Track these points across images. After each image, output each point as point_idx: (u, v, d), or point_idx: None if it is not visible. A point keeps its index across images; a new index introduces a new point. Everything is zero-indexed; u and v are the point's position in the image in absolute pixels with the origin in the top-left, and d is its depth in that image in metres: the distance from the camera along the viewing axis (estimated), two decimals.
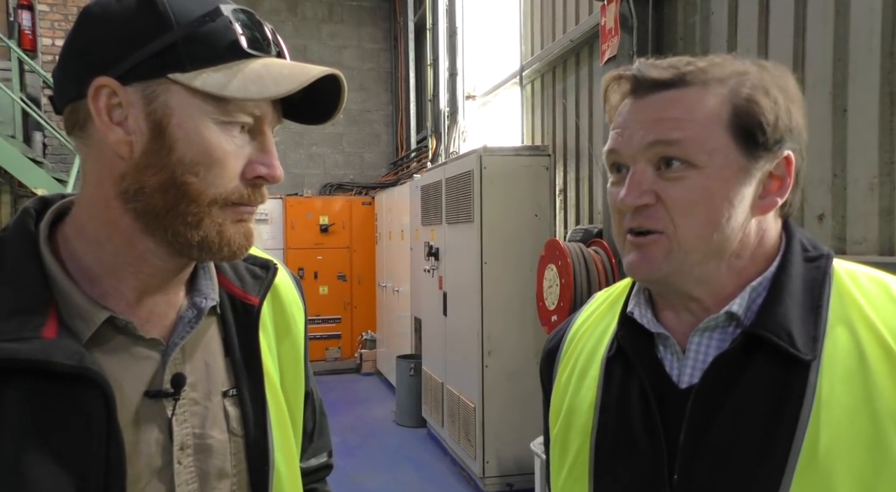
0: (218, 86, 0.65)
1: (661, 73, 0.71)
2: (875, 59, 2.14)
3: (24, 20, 6.63)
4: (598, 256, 3.41)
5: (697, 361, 0.73)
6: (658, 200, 0.70)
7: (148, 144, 0.65)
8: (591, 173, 3.99)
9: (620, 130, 0.73)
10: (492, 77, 5.83)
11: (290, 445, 0.84)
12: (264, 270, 0.84)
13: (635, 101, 0.72)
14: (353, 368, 7.75)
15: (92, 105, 0.65)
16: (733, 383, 0.69)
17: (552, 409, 0.88)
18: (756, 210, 0.72)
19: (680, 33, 3.13)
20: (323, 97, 0.73)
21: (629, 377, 0.77)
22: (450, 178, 4.46)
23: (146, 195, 0.66)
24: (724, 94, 0.70)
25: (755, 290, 0.72)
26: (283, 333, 0.87)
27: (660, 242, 0.71)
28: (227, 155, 0.67)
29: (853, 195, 2.24)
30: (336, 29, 8.71)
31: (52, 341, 0.63)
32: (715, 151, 0.69)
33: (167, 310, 0.75)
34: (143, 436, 0.70)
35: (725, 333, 0.73)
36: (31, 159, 5.90)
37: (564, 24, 4.28)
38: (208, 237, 0.68)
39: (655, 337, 0.77)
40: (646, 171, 0.71)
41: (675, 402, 0.72)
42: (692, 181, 0.69)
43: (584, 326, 0.89)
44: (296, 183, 8.42)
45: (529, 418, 3.98)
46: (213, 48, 0.65)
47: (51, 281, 0.67)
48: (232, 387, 0.78)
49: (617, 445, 0.76)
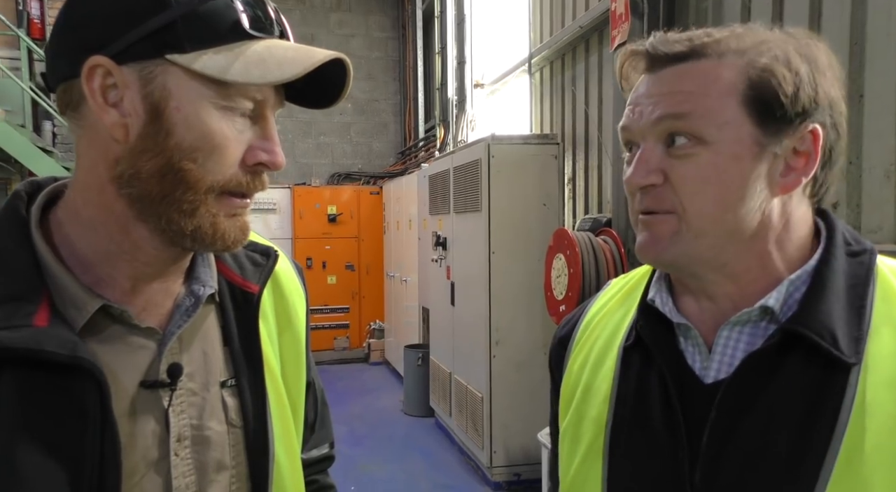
0: (219, 69, 0.62)
1: (674, 46, 0.67)
2: (892, 43, 2.09)
3: (33, 9, 6.65)
4: (606, 245, 3.38)
5: (725, 355, 0.69)
6: (666, 180, 0.66)
7: (144, 128, 0.63)
8: (600, 162, 3.95)
9: (633, 107, 0.70)
10: (500, 65, 5.78)
11: (290, 436, 0.82)
12: (265, 257, 0.82)
13: (649, 77, 0.69)
14: (362, 357, 7.77)
15: (86, 85, 0.62)
16: (766, 381, 0.65)
17: (562, 398, 0.85)
18: (777, 189, 0.67)
19: (692, 18, 3.08)
20: (327, 81, 0.69)
21: (648, 369, 0.73)
22: (458, 167, 4.44)
23: (142, 181, 0.64)
24: (741, 65, 0.65)
25: (793, 283, 0.67)
26: (285, 323, 0.85)
27: (668, 221, 0.67)
28: (227, 141, 0.64)
29: (868, 183, 2.19)
30: (344, 17, 8.67)
31: (43, 330, 0.61)
32: (726, 125, 0.64)
33: (164, 299, 0.72)
34: (139, 427, 0.68)
35: (758, 328, 0.68)
36: (40, 148, 5.92)
37: (574, 10, 4.22)
38: (202, 228, 0.66)
39: (676, 327, 0.73)
40: (655, 148, 0.67)
41: (698, 397, 0.68)
42: (701, 158, 0.65)
43: (600, 314, 0.85)
44: (304, 173, 8.42)
45: (537, 409, 3.97)
46: (213, 28, 0.62)
47: (43, 267, 0.65)
48: (231, 377, 0.76)
49: (633, 438, 0.73)
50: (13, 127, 5.71)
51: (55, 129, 6.73)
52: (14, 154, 5.66)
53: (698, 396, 0.68)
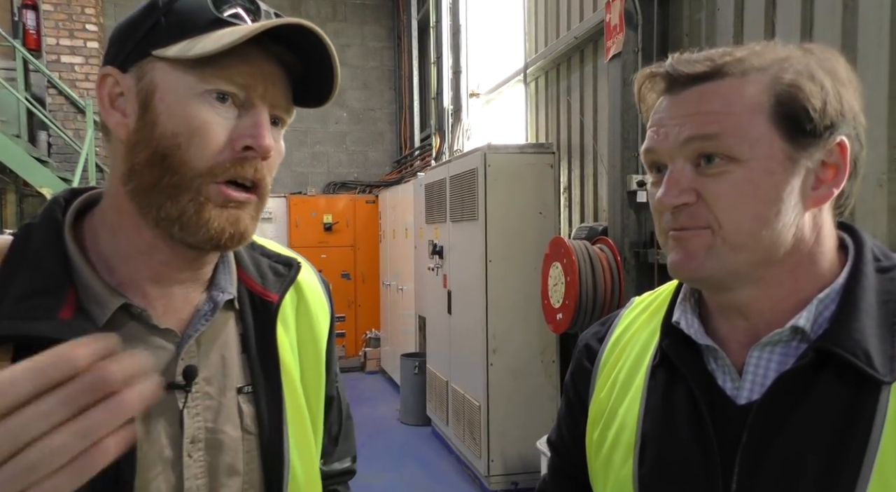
0: (184, 50, 0.65)
1: (696, 67, 0.67)
2: (884, 53, 2.12)
3: (29, 20, 6.64)
4: (603, 253, 3.40)
5: (757, 375, 0.68)
6: (699, 198, 0.66)
7: (137, 122, 0.68)
8: (595, 171, 3.98)
9: (656, 129, 0.69)
10: (496, 75, 5.81)
11: (308, 445, 0.82)
12: (287, 267, 0.84)
13: (671, 98, 0.69)
14: (357, 366, 7.75)
15: (97, 94, 0.68)
16: (798, 400, 0.65)
17: (591, 418, 0.83)
18: (809, 202, 0.67)
19: (686, 29, 3.11)
20: (321, 78, 0.72)
21: (674, 387, 0.73)
22: (454, 176, 4.45)
23: (137, 173, 0.67)
24: (765, 82, 0.65)
25: (822, 302, 0.67)
26: (307, 334, 0.86)
27: (701, 235, 0.66)
28: (207, 124, 0.66)
29: (862, 192, 2.21)
30: (339, 27, 8.70)
31: (66, 322, 0.64)
32: (757, 142, 0.64)
33: (184, 305, 0.75)
34: (153, 426, 0.70)
35: (789, 348, 0.68)
36: (35, 158, 5.91)
37: (569, 21, 4.26)
38: (186, 213, 0.67)
39: (703, 349, 0.72)
40: (684, 168, 0.67)
41: (730, 417, 0.68)
42: (735, 175, 0.65)
43: (629, 333, 0.84)
44: (300, 182, 8.42)
45: (534, 417, 3.97)
46: (188, 19, 0.66)
47: (71, 266, 0.69)
48: (247, 384, 0.77)
49: (662, 458, 0.72)
50: (8, 137, 5.71)
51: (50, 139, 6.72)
52: (9, 164, 5.65)
53: (731, 416, 0.68)
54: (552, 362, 4.06)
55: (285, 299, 0.83)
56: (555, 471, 0.95)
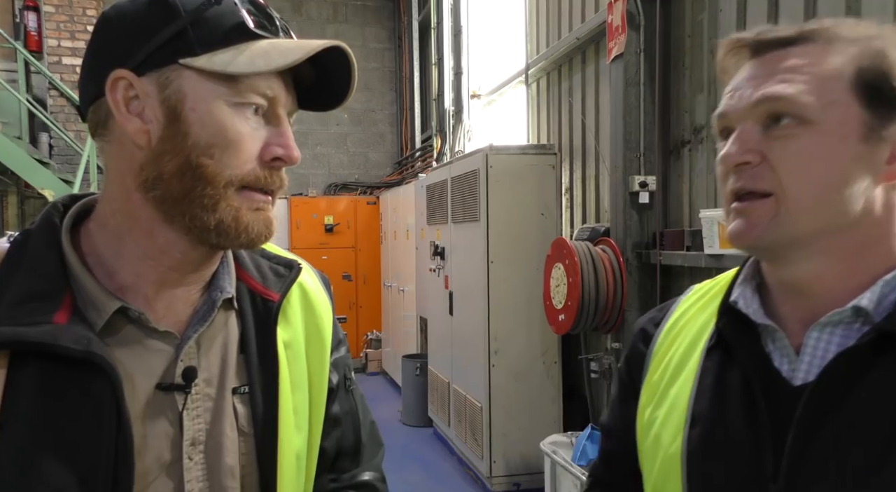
0: (224, 63, 0.65)
1: (782, 31, 0.66)
2: None
3: (30, 21, 6.65)
4: (605, 254, 3.40)
5: (815, 357, 0.66)
6: (763, 160, 0.64)
7: (164, 131, 0.66)
8: (597, 172, 3.98)
9: (732, 92, 0.68)
10: (497, 76, 5.81)
11: (307, 447, 0.82)
12: (287, 269, 0.84)
13: (752, 62, 0.68)
14: (359, 367, 7.75)
15: (110, 97, 0.66)
16: (855, 382, 0.63)
17: (643, 398, 0.83)
18: (882, 176, 0.64)
19: (688, 30, 3.11)
20: (335, 80, 0.74)
21: (728, 368, 0.72)
22: (455, 177, 4.45)
23: (164, 182, 0.67)
24: (852, 52, 0.64)
25: (889, 284, 0.64)
26: (314, 334, 0.86)
27: (765, 205, 0.65)
28: (241, 136, 0.67)
29: None
30: (340, 28, 8.71)
31: (62, 326, 0.64)
32: (831, 106, 0.62)
33: (184, 306, 0.75)
34: (152, 429, 0.69)
35: (850, 329, 0.66)
36: (37, 160, 5.91)
37: (571, 22, 4.26)
38: (224, 221, 0.68)
39: (761, 330, 0.71)
40: (753, 129, 0.65)
41: (785, 398, 0.66)
42: (804, 139, 0.63)
43: (684, 319, 0.83)
44: (300, 183, 8.42)
45: (536, 418, 3.97)
46: (220, 29, 0.66)
47: (68, 271, 0.68)
48: (243, 384, 0.76)
49: (712, 437, 0.71)
50: (10, 139, 5.71)
51: (52, 140, 6.73)
52: (11, 166, 5.65)
53: (785, 397, 0.66)
54: (554, 364, 4.06)
55: (293, 300, 0.83)
56: (606, 455, 0.94)
